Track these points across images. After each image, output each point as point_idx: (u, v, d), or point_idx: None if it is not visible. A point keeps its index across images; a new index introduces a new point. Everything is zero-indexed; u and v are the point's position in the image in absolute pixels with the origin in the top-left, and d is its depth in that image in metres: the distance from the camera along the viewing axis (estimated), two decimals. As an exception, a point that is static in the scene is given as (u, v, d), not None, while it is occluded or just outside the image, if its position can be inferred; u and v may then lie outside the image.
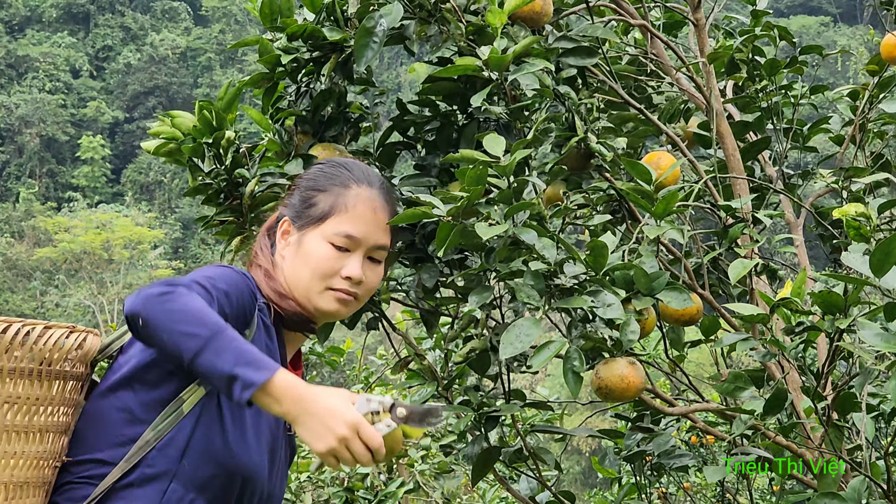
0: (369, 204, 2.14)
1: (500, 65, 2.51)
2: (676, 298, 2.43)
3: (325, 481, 5.55)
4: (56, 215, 49.60)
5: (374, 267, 2.16)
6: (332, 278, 2.11)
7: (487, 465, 2.94)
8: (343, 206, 2.13)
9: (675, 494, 6.31)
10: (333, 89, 2.78)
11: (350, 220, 2.12)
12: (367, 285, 2.14)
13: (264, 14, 2.73)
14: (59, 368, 1.92)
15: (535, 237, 2.30)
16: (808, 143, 3.73)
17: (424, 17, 2.65)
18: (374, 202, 2.15)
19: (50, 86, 60.65)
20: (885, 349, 2.21)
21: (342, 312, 2.15)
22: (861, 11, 57.63)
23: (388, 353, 6.41)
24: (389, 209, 2.19)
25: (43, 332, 1.88)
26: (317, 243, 2.12)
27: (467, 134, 2.69)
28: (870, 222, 2.40)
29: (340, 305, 2.12)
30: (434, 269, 2.81)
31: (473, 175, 2.28)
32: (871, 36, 4.57)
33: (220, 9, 65.89)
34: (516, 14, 2.64)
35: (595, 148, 2.80)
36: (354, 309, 2.17)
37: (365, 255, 2.14)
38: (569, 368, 2.30)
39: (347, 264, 2.11)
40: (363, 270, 2.12)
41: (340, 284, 2.11)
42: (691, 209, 2.88)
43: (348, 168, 2.19)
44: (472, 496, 7.06)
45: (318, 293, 2.11)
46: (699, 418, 3.47)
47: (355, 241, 2.12)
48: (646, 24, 3.14)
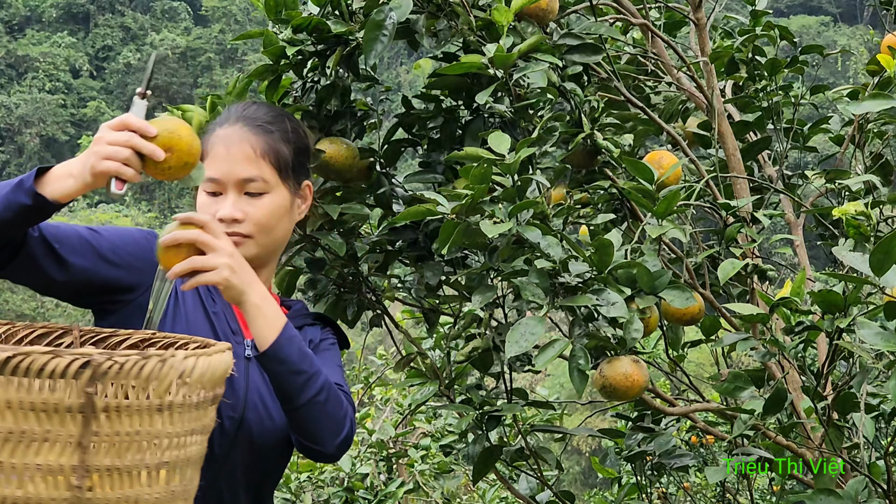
0: (222, 142, 2.12)
1: (506, 62, 2.51)
2: (679, 297, 2.44)
3: (325, 481, 5.55)
4: (56, 215, 49.48)
5: (254, 201, 2.11)
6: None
7: (488, 464, 2.95)
8: (206, 152, 2.12)
9: (675, 494, 6.32)
10: (338, 83, 2.77)
11: (210, 164, 2.11)
12: (254, 220, 2.10)
13: (269, 6, 2.73)
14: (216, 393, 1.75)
15: (539, 235, 2.30)
16: (808, 143, 3.73)
17: (433, 12, 2.65)
18: (228, 138, 2.13)
19: (50, 86, 60.61)
20: (885, 348, 2.22)
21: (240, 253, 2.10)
22: (861, 11, 57.61)
23: (388, 353, 6.42)
24: (253, 139, 2.13)
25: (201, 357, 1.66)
26: (199, 196, 2.14)
27: (472, 131, 2.69)
28: (869, 221, 2.41)
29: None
30: (436, 268, 2.82)
31: (478, 173, 2.28)
32: (871, 36, 4.57)
33: (220, 9, 65.84)
34: (523, 11, 2.64)
35: (602, 144, 2.80)
36: (254, 250, 2.12)
37: (239, 192, 2.11)
38: (574, 367, 2.30)
39: (220, 207, 2.10)
40: (241, 207, 2.10)
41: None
42: (692, 208, 2.89)
43: (219, 116, 2.20)
44: (472, 496, 7.06)
45: None
46: (699, 418, 3.48)
47: (219, 182, 2.10)
48: (647, 23, 3.15)
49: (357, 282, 3.00)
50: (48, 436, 1.50)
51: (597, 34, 2.83)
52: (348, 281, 3.00)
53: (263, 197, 2.12)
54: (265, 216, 2.12)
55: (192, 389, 1.61)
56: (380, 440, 5.74)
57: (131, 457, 1.55)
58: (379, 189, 2.90)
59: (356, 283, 3.01)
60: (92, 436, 1.51)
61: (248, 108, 2.19)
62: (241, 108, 2.19)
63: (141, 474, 1.57)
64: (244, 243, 2.10)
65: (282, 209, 2.15)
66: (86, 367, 1.48)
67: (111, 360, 1.50)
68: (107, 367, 1.50)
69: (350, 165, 2.76)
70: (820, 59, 3.83)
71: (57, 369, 1.48)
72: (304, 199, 2.25)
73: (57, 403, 1.49)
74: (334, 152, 2.74)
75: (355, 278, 2.99)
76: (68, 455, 1.51)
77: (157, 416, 1.57)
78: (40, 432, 1.49)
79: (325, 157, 2.73)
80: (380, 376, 6.26)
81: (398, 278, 3.10)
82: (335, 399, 2.07)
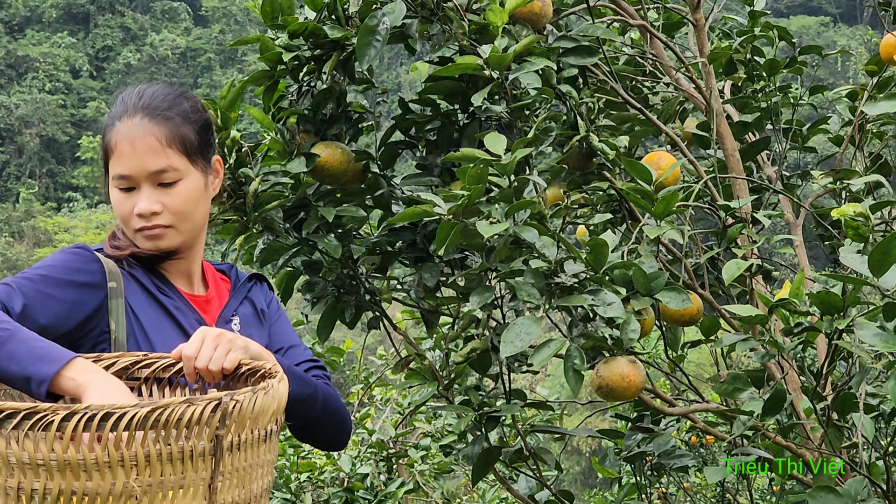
0: (126, 137, 2.07)
1: (501, 64, 2.52)
2: (675, 299, 2.44)
3: (324, 481, 5.55)
4: (56, 216, 49.58)
5: (169, 191, 2.07)
6: (132, 220, 2.07)
7: (488, 465, 2.95)
8: (110, 150, 2.08)
9: (675, 494, 6.32)
10: (334, 88, 2.78)
11: (117, 161, 2.07)
12: (172, 210, 2.07)
13: (265, 12, 2.73)
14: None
15: (535, 236, 2.30)
16: (807, 144, 3.73)
17: (427, 16, 2.65)
18: (131, 133, 2.07)
19: (50, 86, 60.64)
20: (884, 349, 2.22)
21: (163, 246, 2.09)
22: (861, 12, 57.60)
23: (387, 354, 6.42)
24: (155, 129, 2.08)
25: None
26: (112, 193, 2.10)
27: (469, 133, 2.70)
28: (868, 222, 2.41)
29: (154, 241, 2.08)
30: (435, 269, 2.82)
31: (474, 174, 2.28)
32: (870, 36, 4.57)
33: (220, 9, 65.87)
34: (516, 14, 2.64)
35: (597, 146, 2.81)
36: (178, 238, 2.11)
37: (152, 184, 2.07)
38: (570, 367, 2.30)
39: (136, 203, 2.07)
40: (157, 199, 2.06)
41: (139, 223, 2.07)
42: (691, 209, 2.89)
43: (115, 106, 2.15)
44: (472, 496, 7.06)
45: (134, 237, 2.09)
46: (699, 418, 3.47)
47: (130, 178, 2.06)
48: (645, 24, 3.15)
49: (355, 284, 3.01)
50: (183, 482, 1.53)
51: (593, 36, 2.84)
52: (346, 283, 3.00)
53: (177, 185, 2.09)
54: (183, 204, 2.09)
55: (278, 416, 1.68)
56: (380, 440, 5.74)
57: (247, 488, 1.62)
58: (377, 191, 2.91)
59: (354, 285, 3.01)
60: (220, 476, 1.56)
61: (143, 95, 2.13)
62: (136, 97, 2.12)
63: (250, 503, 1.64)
64: (166, 234, 2.08)
65: (197, 192, 2.12)
66: (216, 410, 1.52)
67: (234, 400, 1.54)
68: (232, 407, 1.54)
69: (345, 170, 2.77)
70: (819, 59, 3.83)
71: (193, 417, 1.51)
72: (217, 175, 2.21)
73: (193, 449, 1.53)
74: (329, 156, 2.75)
75: (353, 280, 3.00)
76: (199, 498, 1.55)
77: (262, 446, 1.64)
78: (176, 480, 1.52)
79: (320, 162, 2.74)
80: (380, 376, 6.26)
81: (397, 279, 3.11)
82: (334, 402, 2.15)
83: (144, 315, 2.06)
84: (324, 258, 2.92)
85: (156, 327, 2.06)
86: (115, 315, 1.99)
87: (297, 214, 2.89)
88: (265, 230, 2.88)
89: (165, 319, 2.08)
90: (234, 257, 2.95)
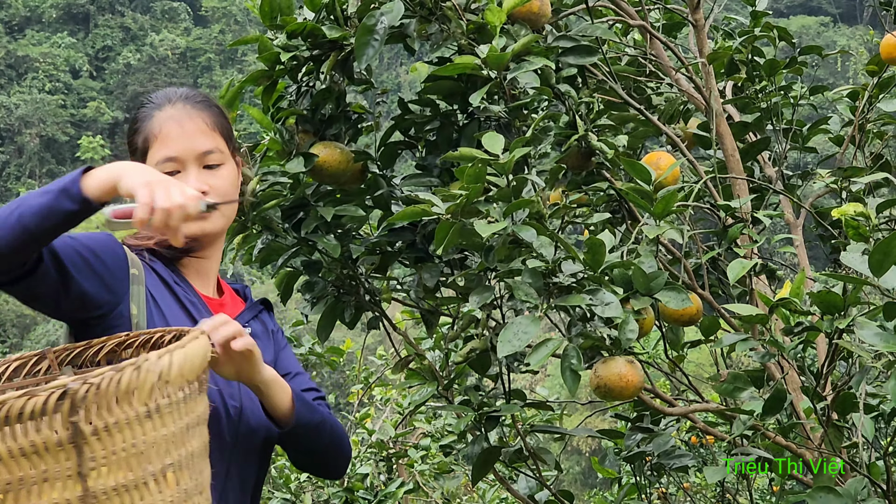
0: (173, 120, 2.12)
1: (499, 63, 2.52)
2: (675, 298, 2.43)
3: (325, 481, 5.55)
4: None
5: (216, 173, 2.12)
6: None
7: (487, 464, 2.95)
8: (153, 136, 2.12)
9: (675, 494, 6.32)
10: (333, 88, 2.78)
11: (162, 146, 2.10)
12: (220, 191, 2.11)
13: (264, 12, 2.73)
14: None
15: (533, 235, 2.30)
16: (807, 144, 3.73)
17: (425, 16, 2.65)
18: (178, 116, 2.13)
19: (50, 86, 60.65)
20: (885, 349, 2.21)
21: (208, 228, 2.12)
22: (861, 11, 57.63)
23: (387, 353, 6.42)
24: (201, 114, 2.15)
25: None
26: None
27: (468, 134, 2.70)
28: (869, 222, 2.40)
29: (201, 223, 2.10)
30: (435, 269, 2.82)
31: (472, 173, 2.28)
32: (870, 36, 4.57)
33: (220, 9, 65.89)
34: (515, 14, 2.64)
35: (596, 146, 2.80)
36: (221, 221, 2.14)
37: (199, 166, 2.11)
38: (567, 367, 2.30)
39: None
40: (204, 180, 2.10)
41: None
42: (691, 209, 2.88)
43: (150, 100, 2.19)
44: (471, 496, 7.06)
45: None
46: (699, 418, 3.47)
47: (177, 160, 2.10)
48: (645, 24, 3.15)
49: (355, 284, 3.00)
50: (46, 475, 1.47)
51: (592, 36, 2.83)
52: (346, 283, 3.00)
53: (221, 168, 2.14)
54: (228, 186, 2.14)
55: (175, 386, 1.58)
56: (380, 440, 5.74)
57: (134, 470, 1.52)
58: (377, 191, 2.91)
59: (354, 285, 3.01)
60: (89, 462, 1.48)
61: (178, 90, 2.20)
62: (173, 92, 2.19)
63: (149, 484, 1.54)
64: (212, 215, 2.10)
65: (237, 178, 2.19)
66: (63, 397, 1.45)
67: (87, 384, 1.46)
68: (84, 392, 1.46)
69: (344, 170, 2.77)
70: (819, 59, 3.83)
71: (36, 409, 1.44)
72: (240, 172, 2.27)
73: (46, 442, 1.46)
74: (328, 156, 2.75)
75: (353, 280, 2.99)
76: (70, 489, 1.48)
77: (147, 423, 1.54)
78: (38, 474, 1.46)
79: (319, 162, 2.74)
80: (380, 376, 6.26)
81: (397, 280, 3.11)
82: (340, 431, 2.20)
83: (164, 303, 2.08)
84: (323, 258, 2.92)
85: (174, 316, 2.08)
86: (137, 300, 2.00)
87: (296, 214, 2.89)
88: (264, 230, 2.88)
89: (181, 311, 2.10)
90: (234, 256, 2.95)
